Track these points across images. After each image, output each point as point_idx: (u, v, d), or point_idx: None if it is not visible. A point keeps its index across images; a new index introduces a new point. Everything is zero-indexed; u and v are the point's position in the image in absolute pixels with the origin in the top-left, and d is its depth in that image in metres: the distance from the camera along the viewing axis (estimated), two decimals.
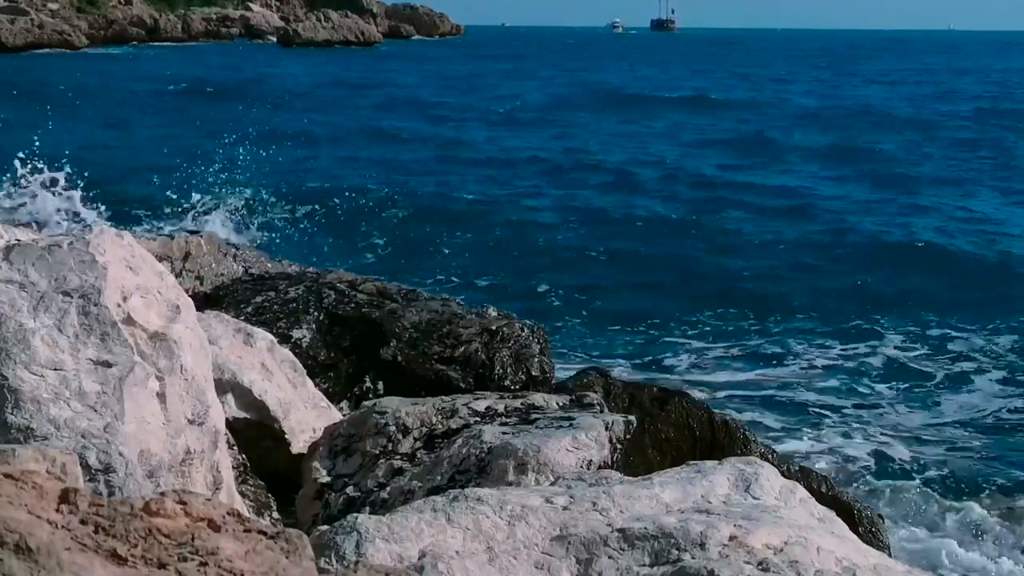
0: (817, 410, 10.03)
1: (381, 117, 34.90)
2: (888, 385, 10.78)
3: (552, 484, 3.37)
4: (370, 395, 5.36)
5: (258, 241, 13.55)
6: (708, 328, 12.58)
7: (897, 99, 44.80)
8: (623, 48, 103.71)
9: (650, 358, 11.49)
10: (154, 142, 26.78)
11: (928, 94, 48.70)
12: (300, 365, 4.96)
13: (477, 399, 4.34)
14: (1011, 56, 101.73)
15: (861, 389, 10.67)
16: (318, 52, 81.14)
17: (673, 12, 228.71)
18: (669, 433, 5.29)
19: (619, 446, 3.82)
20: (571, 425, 3.83)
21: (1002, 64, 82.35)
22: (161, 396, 3.17)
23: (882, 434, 9.44)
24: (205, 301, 5.80)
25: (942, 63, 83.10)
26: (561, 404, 4.25)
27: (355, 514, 2.92)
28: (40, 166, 14.71)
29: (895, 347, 11.94)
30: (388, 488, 3.88)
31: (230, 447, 4.01)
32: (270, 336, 4.91)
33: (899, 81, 58.31)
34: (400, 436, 4.08)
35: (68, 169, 14.78)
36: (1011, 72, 66.80)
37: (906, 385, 10.79)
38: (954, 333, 12.46)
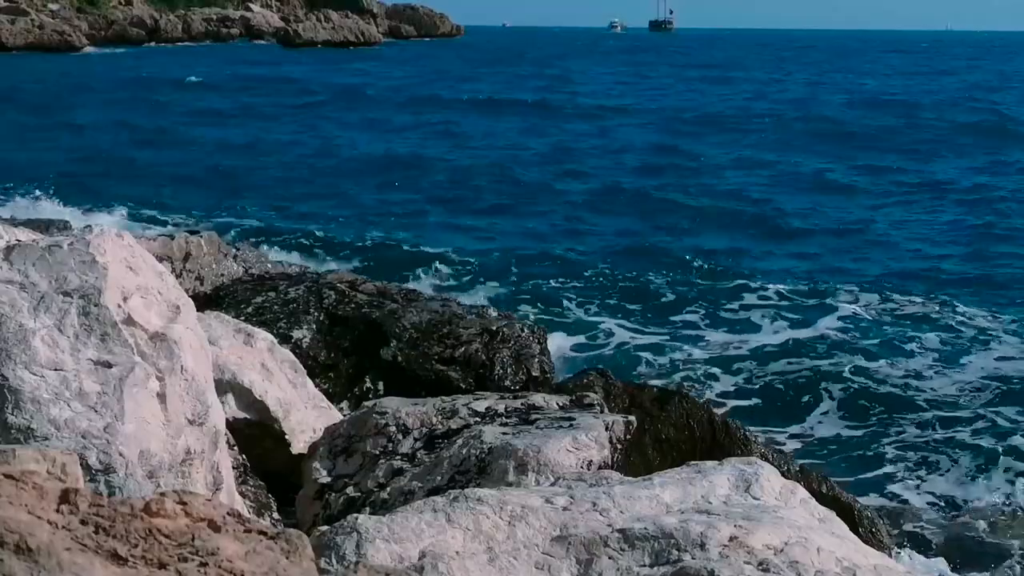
0: (819, 409, 10.04)
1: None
2: (886, 383, 10.78)
3: (552, 484, 3.37)
4: (370, 395, 5.36)
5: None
6: (707, 326, 12.58)
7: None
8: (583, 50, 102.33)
9: (650, 358, 11.50)
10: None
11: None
12: (300, 365, 4.96)
13: (477, 399, 4.34)
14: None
15: (863, 388, 10.67)
16: (312, 52, 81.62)
17: (671, 13, 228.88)
18: (669, 433, 5.30)
19: (619, 446, 3.82)
20: (571, 425, 3.83)
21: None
22: (161, 396, 3.17)
23: (882, 432, 9.44)
24: (205, 301, 5.80)
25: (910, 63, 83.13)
26: (561, 404, 4.25)
27: (355, 514, 2.92)
28: None
29: (889, 342, 11.94)
30: (388, 488, 3.88)
31: (230, 447, 4.01)
32: (270, 336, 4.91)
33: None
34: (400, 436, 4.08)
35: None
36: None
37: (904, 382, 10.79)
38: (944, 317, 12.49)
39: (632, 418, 4.01)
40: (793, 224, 18.66)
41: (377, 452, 4.05)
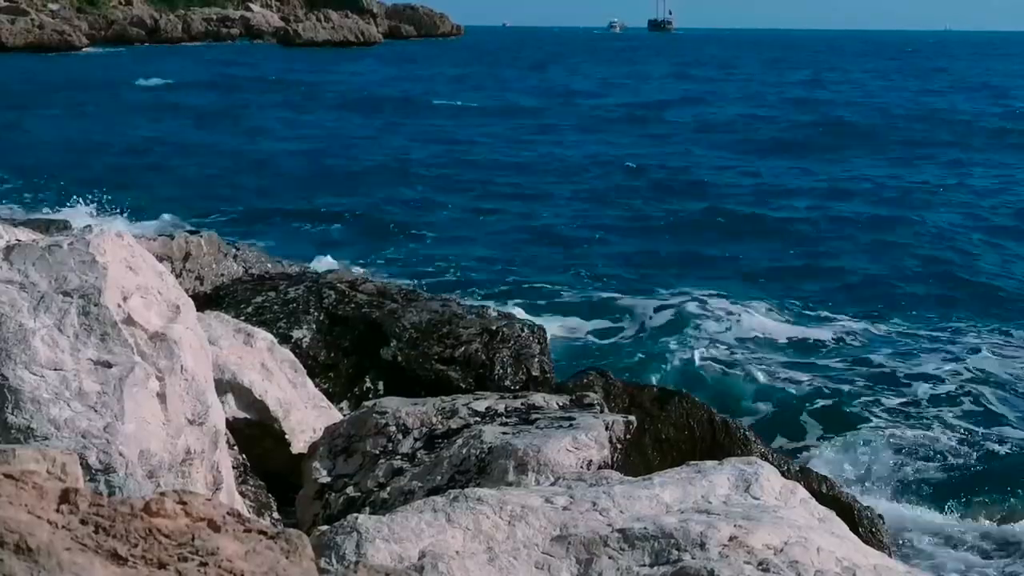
0: (819, 409, 10.03)
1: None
2: (888, 382, 10.78)
3: (552, 484, 3.36)
4: (370, 395, 5.36)
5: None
6: (707, 327, 12.57)
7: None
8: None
9: (651, 357, 11.49)
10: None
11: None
12: (300, 365, 4.96)
13: (477, 399, 4.34)
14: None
15: (863, 388, 10.67)
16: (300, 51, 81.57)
17: (670, 13, 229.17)
18: (669, 433, 5.30)
19: (619, 446, 3.82)
20: (571, 425, 3.83)
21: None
22: (161, 396, 3.17)
23: (882, 432, 9.44)
24: (205, 301, 5.80)
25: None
26: (561, 404, 4.24)
27: (355, 514, 2.92)
28: None
29: (894, 344, 11.95)
30: (388, 488, 3.88)
31: (230, 447, 4.01)
32: (270, 336, 4.91)
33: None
34: (400, 436, 4.08)
35: None
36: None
37: (906, 382, 10.79)
38: (952, 329, 12.49)
39: (632, 418, 4.01)
40: (793, 228, 18.66)
41: (377, 452, 4.05)
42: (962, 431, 9.55)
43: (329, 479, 4.05)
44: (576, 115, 37.88)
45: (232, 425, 4.23)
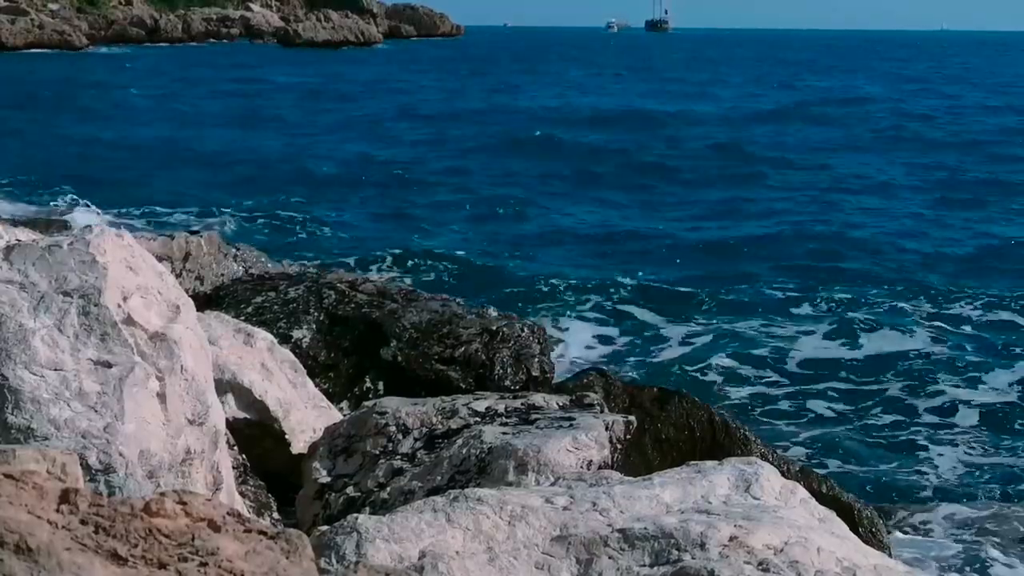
0: (818, 409, 10.03)
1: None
2: (889, 384, 10.78)
3: (552, 484, 3.37)
4: (370, 395, 5.36)
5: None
6: (707, 327, 12.57)
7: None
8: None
9: (651, 358, 11.49)
10: None
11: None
12: (300, 365, 4.96)
13: (477, 399, 4.34)
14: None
15: (863, 387, 10.67)
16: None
17: (667, 13, 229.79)
18: (669, 433, 5.29)
19: (619, 446, 3.82)
20: (571, 425, 3.83)
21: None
22: (161, 396, 3.17)
23: (884, 432, 9.44)
24: (205, 301, 5.80)
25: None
26: (561, 404, 4.24)
27: (355, 514, 2.92)
28: None
29: (897, 345, 11.94)
30: (388, 488, 3.88)
31: (230, 447, 4.01)
32: (270, 336, 4.91)
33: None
34: (400, 436, 4.08)
35: None
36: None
37: (909, 383, 10.79)
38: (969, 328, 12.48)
39: (632, 418, 4.01)
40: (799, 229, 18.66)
41: (377, 452, 4.05)
42: (964, 429, 9.55)
43: (329, 479, 4.05)
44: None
45: (232, 425, 4.23)
